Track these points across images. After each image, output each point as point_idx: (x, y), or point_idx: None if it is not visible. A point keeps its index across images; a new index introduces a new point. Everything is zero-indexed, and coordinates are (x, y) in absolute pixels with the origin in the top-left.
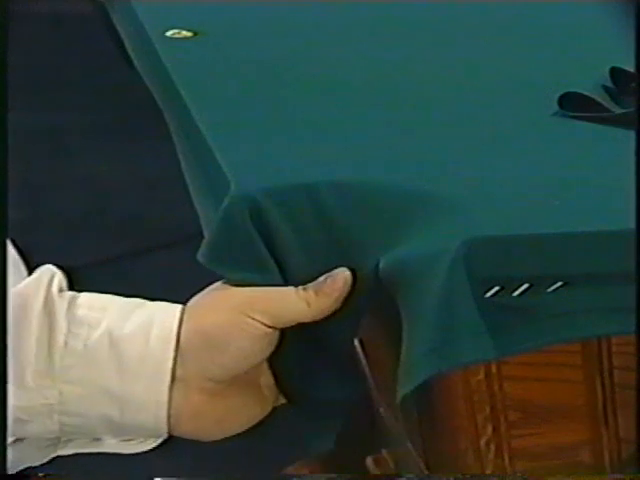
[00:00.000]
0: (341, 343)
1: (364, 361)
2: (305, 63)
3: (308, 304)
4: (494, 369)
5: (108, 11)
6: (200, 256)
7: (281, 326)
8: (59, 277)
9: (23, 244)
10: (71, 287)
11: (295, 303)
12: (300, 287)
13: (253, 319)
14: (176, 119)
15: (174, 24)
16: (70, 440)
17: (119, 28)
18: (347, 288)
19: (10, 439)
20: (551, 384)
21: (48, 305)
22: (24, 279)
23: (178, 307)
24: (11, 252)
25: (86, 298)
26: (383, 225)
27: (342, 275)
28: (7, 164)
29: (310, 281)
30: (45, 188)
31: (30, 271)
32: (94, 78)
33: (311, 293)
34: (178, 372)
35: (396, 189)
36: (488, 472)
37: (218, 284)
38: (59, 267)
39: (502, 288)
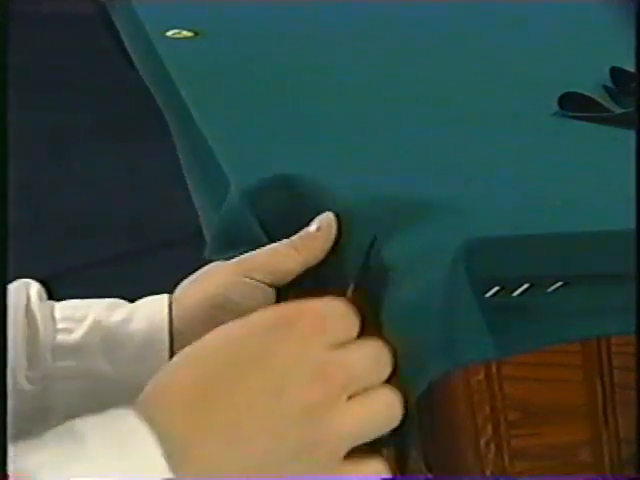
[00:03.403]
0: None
1: None
2: (305, 63)
3: (296, 249)
4: (494, 369)
5: (108, 11)
6: (207, 253)
7: (277, 282)
8: (36, 287)
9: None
10: (71, 288)
11: (284, 253)
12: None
13: (252, 279)
14: (176, 119)
15: (174, 24)
16: None
17: (119, 28)
18: (332, 230)
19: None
20: (551, 384)
21: (31, 312)
22: None
23: (164, 295)
24: None
25: (69, 302)
26: (382, 226)
27: (326, 218)
28: (7, 164)
29: None
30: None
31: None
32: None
33: (296, 239)
34: (176, 348)
35: (396, 189)
36: (488, 472)
37: (205, 267)
38: (59, 269)
39: (502, 288)
